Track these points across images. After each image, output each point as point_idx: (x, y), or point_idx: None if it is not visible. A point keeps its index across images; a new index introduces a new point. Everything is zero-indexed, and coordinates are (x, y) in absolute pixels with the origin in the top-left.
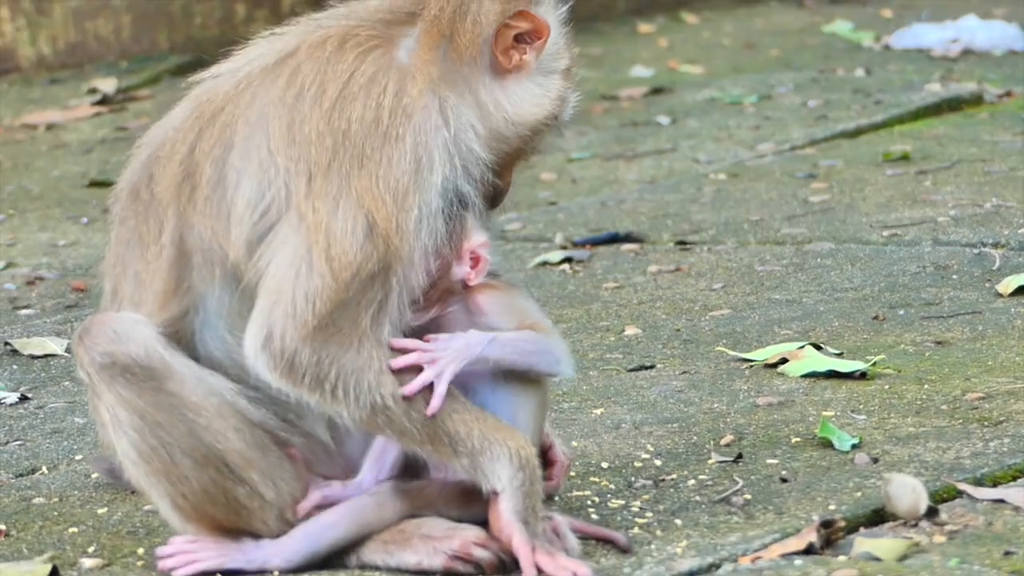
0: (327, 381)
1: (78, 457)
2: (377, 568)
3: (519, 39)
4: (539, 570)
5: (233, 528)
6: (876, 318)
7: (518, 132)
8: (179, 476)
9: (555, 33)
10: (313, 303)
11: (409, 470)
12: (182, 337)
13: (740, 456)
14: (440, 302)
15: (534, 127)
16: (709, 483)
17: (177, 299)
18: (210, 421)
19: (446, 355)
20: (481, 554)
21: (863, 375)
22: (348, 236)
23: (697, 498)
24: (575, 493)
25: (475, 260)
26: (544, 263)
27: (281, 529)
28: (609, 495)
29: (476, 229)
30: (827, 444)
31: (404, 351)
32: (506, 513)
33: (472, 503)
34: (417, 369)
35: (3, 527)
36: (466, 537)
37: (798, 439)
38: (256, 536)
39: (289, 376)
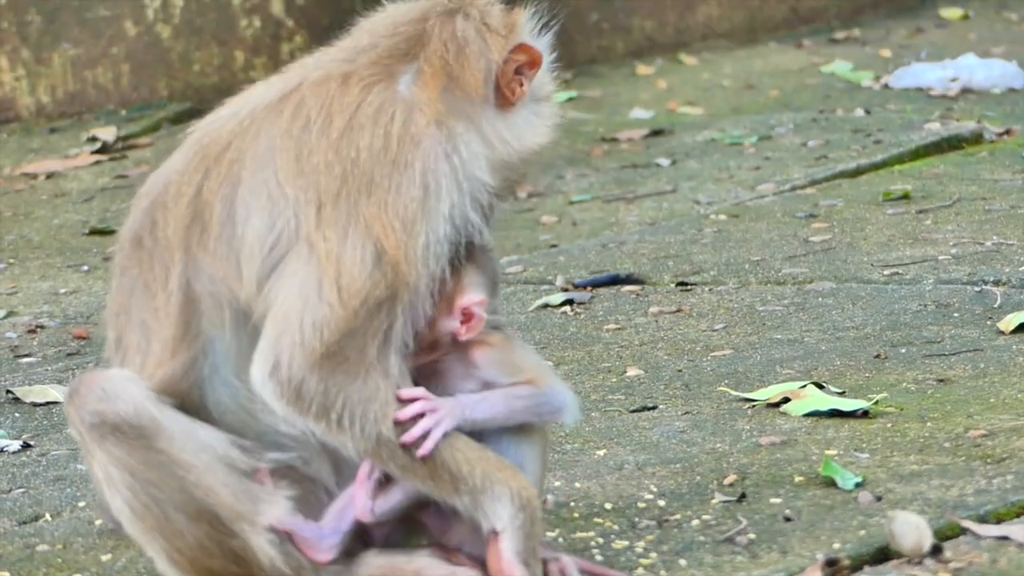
0: (333, 410)
1: (81, 504)
2: None
3: (518, 71)
4: None
5: None
6: (878, 357)
7: (521, 159)
8: (173, 531)
9: (545, 61)
10: (321, 331)
11: (366, 534)
12: (190, 384)
13: (743, 496)
14: (431, 350)
15: (534, 153)
16: (713, 523)
17: (186, 345)
18: (200, 477)
19: (445, 407)
20: None
21: (865, 414)
22: (357, 264)
23: (701, 538)
24: (579, 534)
25: (467, 316)
26: (545, 305)
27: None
28: (613, 536)
29: (474, 286)
30: (830, 483)
31: (411, 400)
32: (507, 553)
33: None
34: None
35: (7, 575)
36: None
37: (801, 478)
38: None
39: (296, 404)
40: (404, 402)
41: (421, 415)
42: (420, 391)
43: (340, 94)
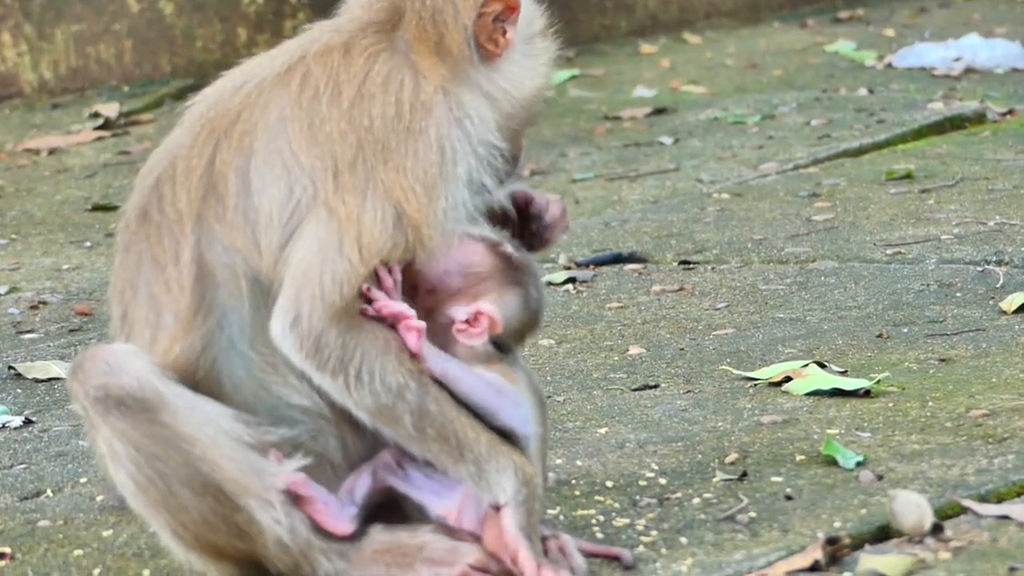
0: (352, 364)
1: (83, 480)
2: None
3: (496, 20)
4: None
5: (235, 554)
6: (880, 336)
7: (524, 106)
8: (178, 506)
9: (525, 2)
10: (341, 286)
11: (378, 510)
12: (206, 358)
13: (745, 474)
14: (424, 314)
15: (537, 96)
16: (714, 501)
17: (201, 318)
18: (205, 451)
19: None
20: None
21: (867, 393)
22: (378, 225)
23: (702, 516)
24: (580, 512)
25: (476, 319)
26: (548, 284)
27: (281, 553)
28: (614, 514)
29: (505, 309)
30: (831, 462)
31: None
32: (510, 528)
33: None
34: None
35: (8, 550)
36: (466, 563)
37: (802, 457)
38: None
39: (315, 358)
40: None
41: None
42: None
43: (345, 64)
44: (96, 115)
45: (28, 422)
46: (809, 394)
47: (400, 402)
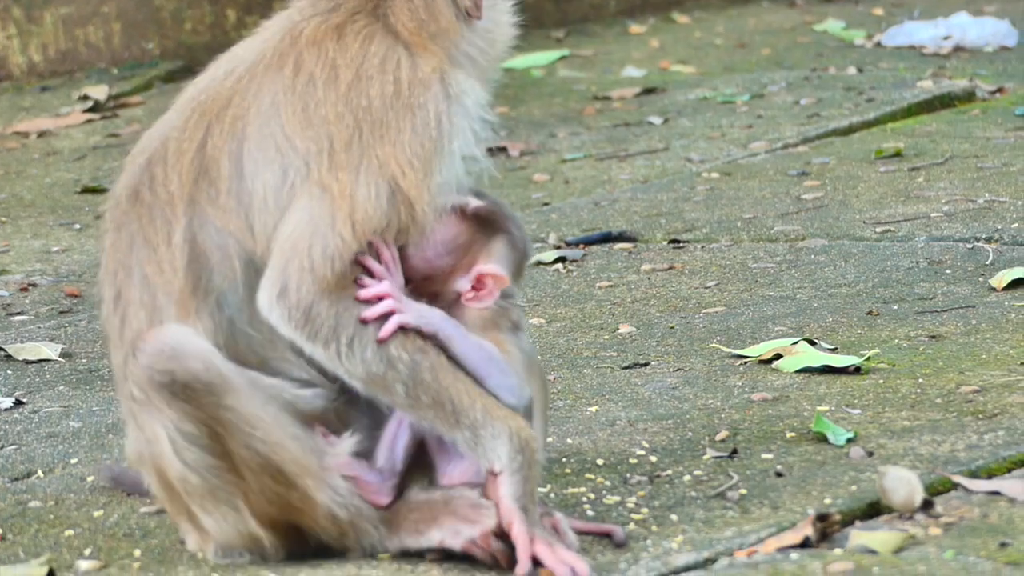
0: (344, 333)
1: (73, 461)
2: (409, 552)
3: None
4: (536, 562)
5: (282, 527)
6: (870, 313)
7: (502, 58)
8: (237, 487)
9: None
10: (332, 260)
11: (418, 464)
12: (216, 339)
13: (735, 451)
14: (432, 298)
15: (507, 51)
16: (704, 478)
17: (196, 300)
18: (267, 432)
19: (411, 306)
20: (497, 546)
21: (857, 370)
22: (372, 200)
23: (692, 493)
24: (571, 490)
25: (480, 283)
26: (538, 263)
27: (329, 525)
28: (604, 491)
29: (500, 260)
30: (822, 439)
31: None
32: (505, 499)
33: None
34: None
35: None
36: (487, 527)
37: (793, 434)
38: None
39: (304, 327)
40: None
41: (389, 312)
42: (386, 286)
43: (340, 49)
44: (85, 98)
45: (18, 403)
46: (799, 371)
47: (391, 371)
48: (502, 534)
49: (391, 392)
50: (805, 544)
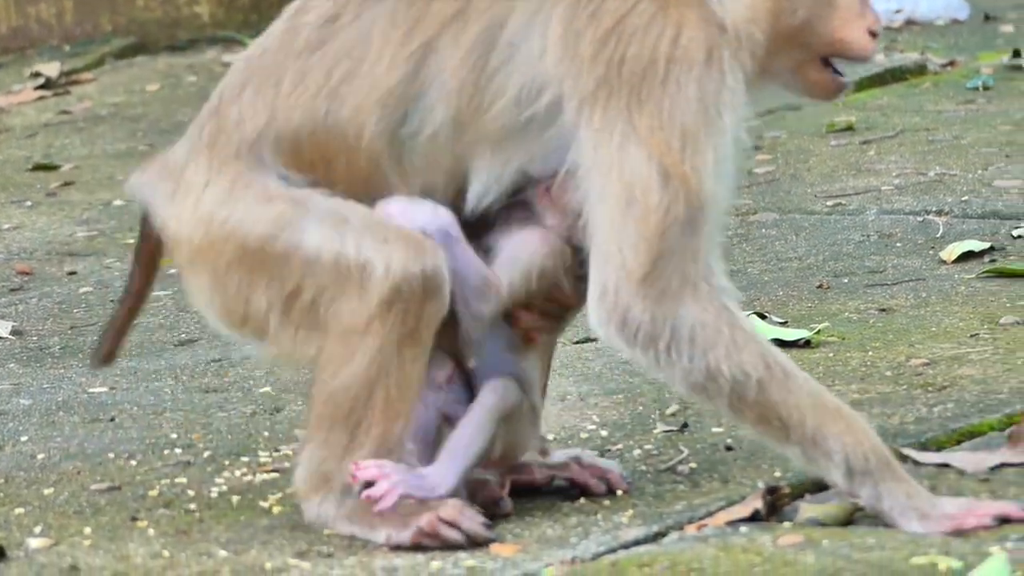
0: (660, 339)
1: (24, 439)
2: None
3: None
4: None
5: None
6: (820, 286)
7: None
8: None
9: None
10: (635, 253)
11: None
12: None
13: (685, 425)
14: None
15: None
16: (655, 452)
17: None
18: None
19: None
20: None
21: (807, 343)
22: (645, 180)
23: (643, 468)
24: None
25: (543, 195)
26: None
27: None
28: None
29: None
30: None
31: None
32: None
33: None
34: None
35: None
36: (417, 526)
37: None
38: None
39: (622, 332)
40: None
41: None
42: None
43: None
44: (37, 75)
45: None
46: None
47: (714, 383)
48: (432, 534)
49: (713, 401)
50: (755, 517)
